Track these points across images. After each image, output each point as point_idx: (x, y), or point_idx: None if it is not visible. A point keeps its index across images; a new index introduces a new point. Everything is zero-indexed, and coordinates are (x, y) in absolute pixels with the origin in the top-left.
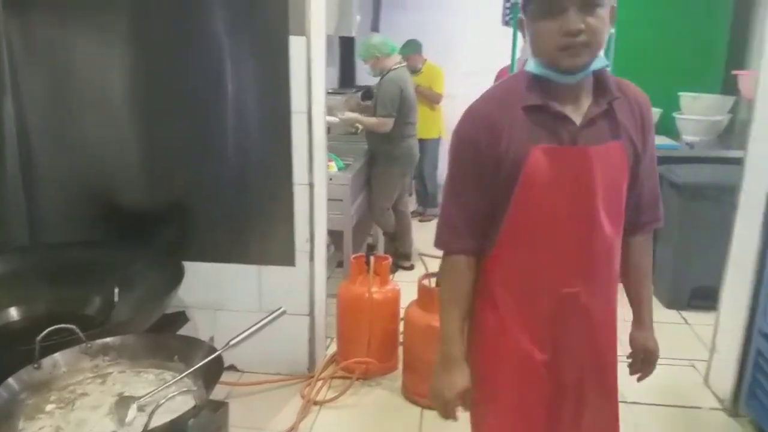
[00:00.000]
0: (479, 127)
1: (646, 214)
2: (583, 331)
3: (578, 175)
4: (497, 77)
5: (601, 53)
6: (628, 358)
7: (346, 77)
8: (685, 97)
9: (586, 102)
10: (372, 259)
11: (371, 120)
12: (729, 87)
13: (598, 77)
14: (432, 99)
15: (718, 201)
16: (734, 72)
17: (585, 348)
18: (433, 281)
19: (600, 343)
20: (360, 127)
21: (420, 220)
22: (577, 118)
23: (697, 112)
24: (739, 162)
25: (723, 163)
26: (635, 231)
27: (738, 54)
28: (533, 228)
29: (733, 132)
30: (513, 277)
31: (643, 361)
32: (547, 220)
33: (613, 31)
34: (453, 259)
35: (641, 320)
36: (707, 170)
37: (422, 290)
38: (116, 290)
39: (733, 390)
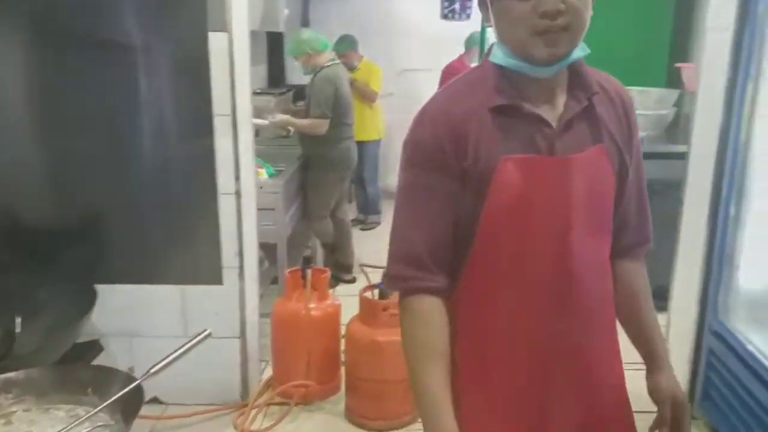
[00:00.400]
0: (441, 131)
1: (635, 234)
2: (580, 387)
3: (557, 190)
4: (444, 75)
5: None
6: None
7: (275, 76)
8: (631, 91)
9: (561, 99)
10: (309, 272)
11: (304, 122)
12: (673, 80)
13: (575, 69)
14: (367, 96)
15: (665, 197)
16: (677, 65)
17: (583, 411)
18: (376, 293)
19: (604, 400)
20: (292, 129)
21: (361, 228)
22: (553, 120)
23: (644, 106)
24: (684, 157)
25: (669, 158)
26: (623, 254)
27: (681, 46)
28: (503, 256)
29: (679, 126)
30: (481, 324)
31: (675, 417)
32: (520, 244)
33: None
34: (419, 303)
35: (655, 359)
36: (654, 166)
37: (364, 303)
38: (18, 320)
39: (688, 392)
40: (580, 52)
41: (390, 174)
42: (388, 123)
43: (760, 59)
